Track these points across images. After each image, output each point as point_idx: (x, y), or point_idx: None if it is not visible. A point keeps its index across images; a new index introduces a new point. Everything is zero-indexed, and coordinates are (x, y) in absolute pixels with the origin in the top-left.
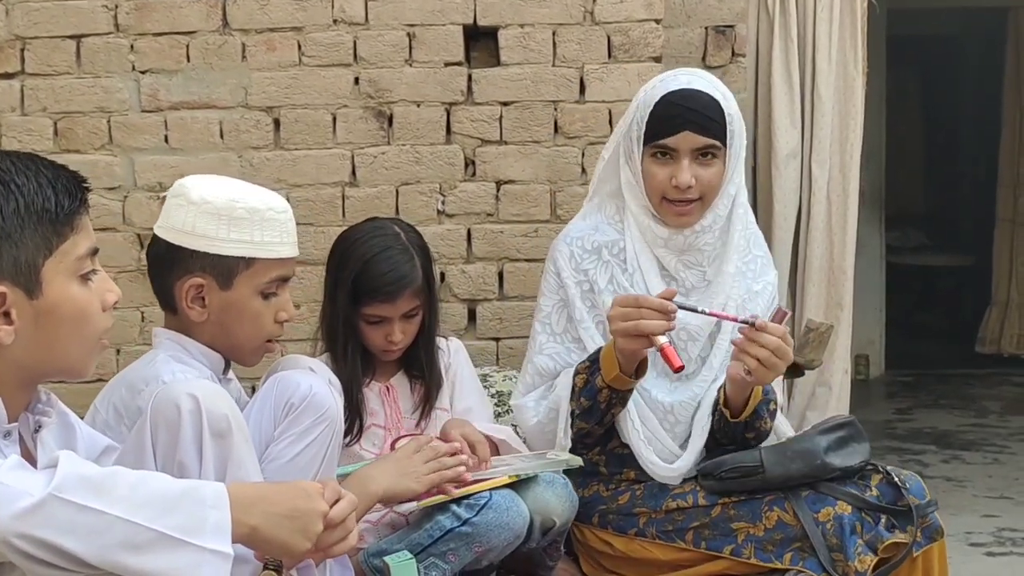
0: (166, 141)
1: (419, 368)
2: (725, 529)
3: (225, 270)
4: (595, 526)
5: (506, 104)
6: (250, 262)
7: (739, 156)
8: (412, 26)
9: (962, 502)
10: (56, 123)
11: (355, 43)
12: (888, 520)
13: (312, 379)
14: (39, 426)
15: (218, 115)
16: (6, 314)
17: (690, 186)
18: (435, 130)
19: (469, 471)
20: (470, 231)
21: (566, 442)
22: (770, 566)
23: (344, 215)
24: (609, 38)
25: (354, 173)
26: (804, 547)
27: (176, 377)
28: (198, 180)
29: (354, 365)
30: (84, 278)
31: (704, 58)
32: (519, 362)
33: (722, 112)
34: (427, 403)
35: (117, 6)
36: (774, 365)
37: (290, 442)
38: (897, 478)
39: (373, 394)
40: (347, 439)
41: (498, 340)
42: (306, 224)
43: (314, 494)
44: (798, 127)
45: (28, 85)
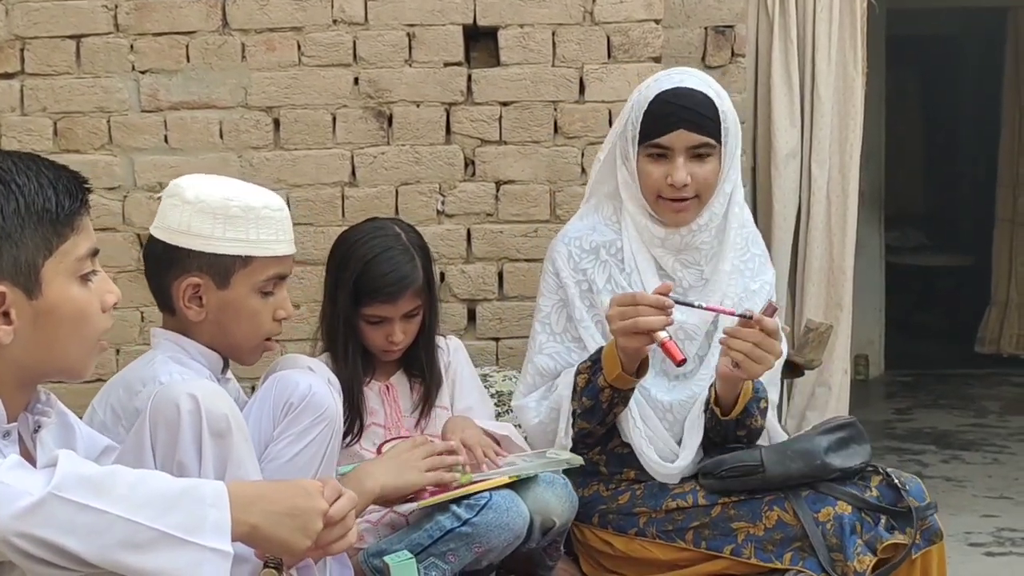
0: (166, 141)
1: (419, 367)
2: (725, 529)
3: (222, 269)
4: (595, 526)
5: (506, 104)
6: (247, 260)
7: (734, 154)
8: (412, 26)
9: (961, 502)
10: (56, 123)
11: (355, 43)
12: (888, 521)
13: (311, 378)
14: (38, 426)
15: (218, 115)
16: (5, 314)
17: (685, 184)
18: (435, 130)
19: (470, 470)
20: (470, 231)
21: (567, 442)
22: (770, 566)
23: (344, 215)
24: (609, 38)
25: (354, 173)
26: (804, 547)
27: (174, 378)
28: (193, 180)
29: (355, 365)
30: (84, 279)
31: (704, 58)
32: (519, 362)
33: (716, 110)
34: (427, 402)
35: (117, 6)
36: (760, 358)
37: (289, 442)
38: (897, 480)
39: (373, 393)
40: (347, 439)
41: (498, 340)
42: (306, 224)
43: (314, 492)
44: (798, 127)
45: (28, 85)
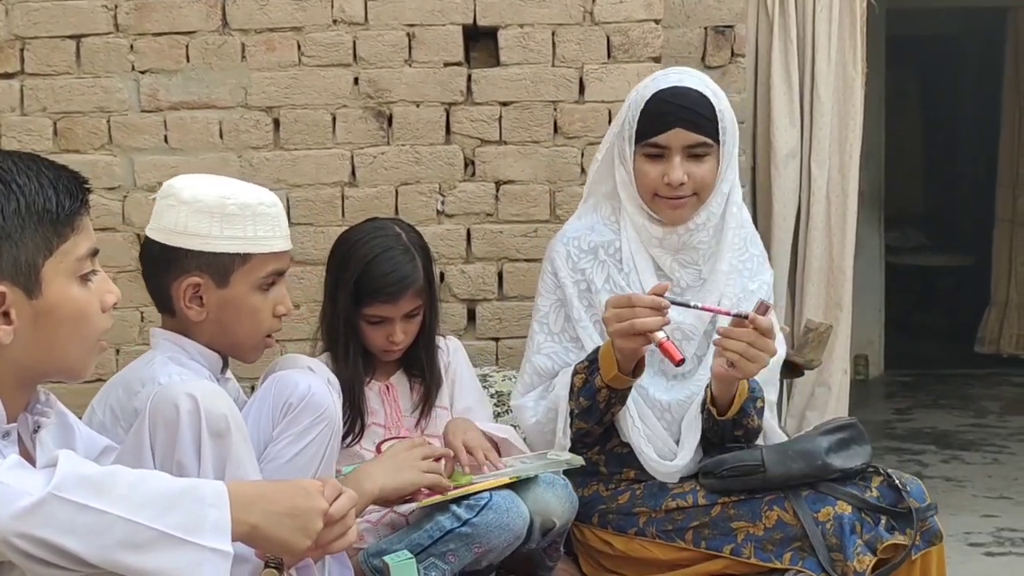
0: (166, 141)
1: (419, 367)
2: (725, 528)
3: (221, 268)
4: (595, 526)
5: (506, 104)
6: (246, 258)
7: (732, 154)
8: (412, 26)
9: (961, 502)
10: (56, 123)
11: (355, 43)
12: (888, 521)
13: (310, 379)
14: (38, 426)
15: (218, 115)
16: (5, 314)
17: (682, 183)
18: (435, 130)
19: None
20: (469, 231)
21: (565, 442)
22: (769, 566)
23: (344, 215)
24: (608, 38)
25: (354, 173)
26: (803, 547)
27: (173, 379)
28: (187, 180)
29: (355, 365)
30: (84, 279)
31: (703, 58)
32: (519, 362)
33: (713, 109)
34: (427, 402)
35: (117, 6)
36: (755, 357)
37: (289, 442)
38: (898, 480)
39: (373, 393)
40: (348, 439)
41: (497, 340)
42: (305, 224)
43: (314, 492)
44: (797, 127)
45: (28, 85)
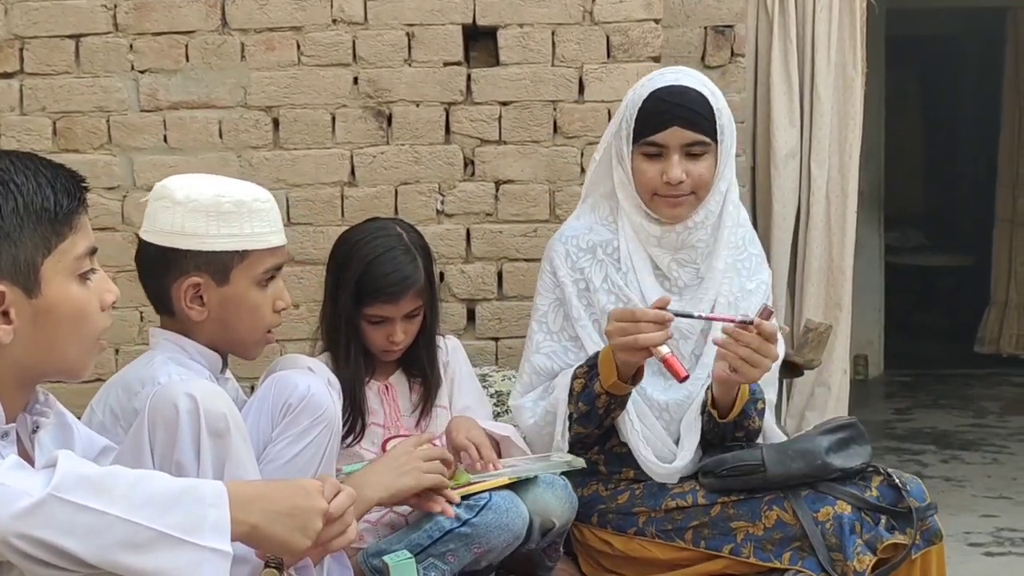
0: (165, 141)
1: (419, 367)
2: (724, 528)
3: (220, 266)
4: (594, 525)
5: (505, 104)
6: (244, 255)
7: (730, 153)
8: (411, 26)
9: (961, 502)
10: (55, 123)
11: (354, 43)
12: (888, 521)
13: (310, 379)
14: (37, 427)
15: (217, 115)
16: (5, 313)
17: (681, 181)
18: (434, 130)
19: (473, 472)
20: (469, 231)
21: (563, 445)
22: (769, 565)
23: (343, 215)
24: (608, 38)
25: (353, 173)
26: (803, 546)
27: (173, 379)
28: (179, 180)
29: (356, 365)
30: (83, 277)
31: (703, 58)
32: (518, 362)
33: (711, 108)
34: (426, 402)
35: (116, 6)
36: (758, 363)
37: (288, 443)
38: (898, 480)
39: (372, 393)
40: (349, 438)
41: (497, 340)
42: (305, 224)
43: (313, 492)
44: (797, 127)
45: (27, 85)
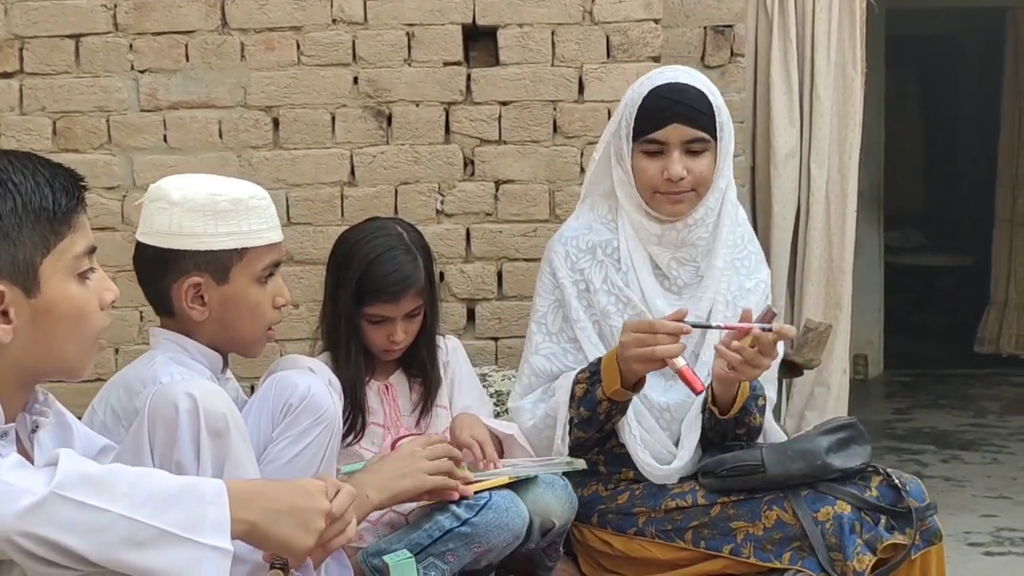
0: (165, 141)
1: (419, 367)
2: (724, 528)
3: (220, 265)
4: (594, 526)
5: (505, 104)
6: (243, 252)
7: (728, 150)
8: (411, 26)
9: (961, 502)
10: (55, 122)
11: (354, 43)
12: (888, 521)
13: (311, 380)
14: (36, 426)
15: (217, 115)
16: (4, 313)
17: (682, 178)
18: (434, 130)
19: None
20: (469, 231)
21: (563, 449)
22: (769, 565)
23: (343, 215)
24: (608, 38)
25: (353, 173)
26: (803, 546)
27: (174, 379)
28: (174, 181)
29: (356, 365)
30: (82, 277)
31: (703, 58)
32: (518, 362)
33: (710, 105)
34: (426, 401)
35: (116, 5)
36: (758, 363)
37: (289, 443)
38: (898, 480)
39: (372, 393)
40: (349, 438)
41: (497, 340)
42: (305, 224)
43: (316, 492)
44: (797, 127)
45: (27, 84)
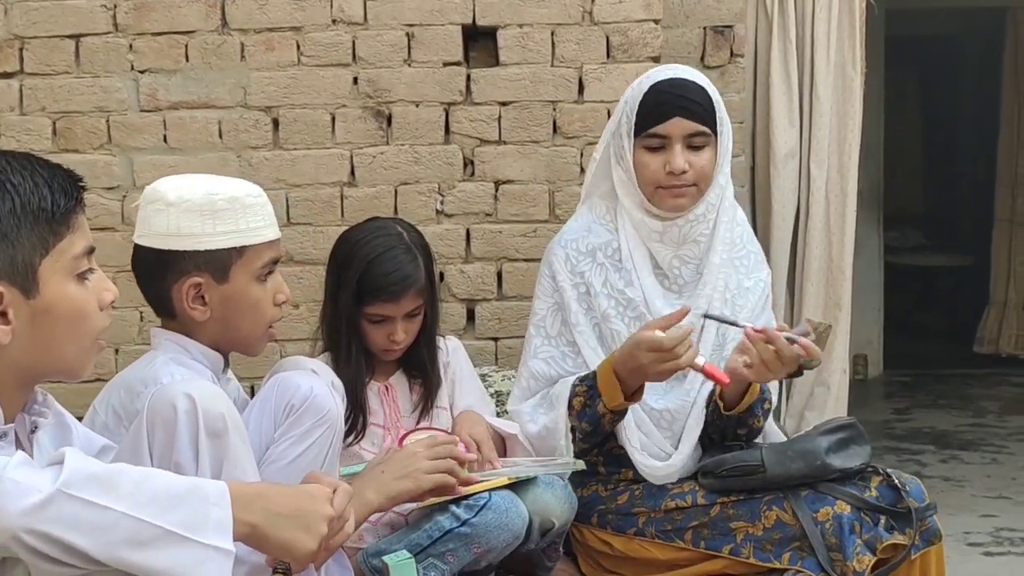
0: (165, 141)
1: (419, 367)
2: (724, 528)
3: (219, 264)
4: (594, 526)
5: (505, 104)
6: (242, 251)
7: (727, 148)
8: (411, 26)
9: (960, 502)
10: (55, 123)
11: (354, 43)
12: (887, 521)
13: (313, 380)
14: (35, 427)
15: (217, 115)
16: (3, 314)
17: (684, 171)
18: (434, 130)
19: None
20: (469, 231)
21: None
22: (769, 566)
23: (343, 215)
24: (608, 38)
25: (353, 173)
26: (803, 547)
27: (175, 379)
28: (170, 182)
29: (357, 365)
30: (81, 277)
31: (703, 58)
32: (518, 362)
33: (710, 99)
34: (427, 402)
35: (116, 6)
36: (775, 369)
37: (290, 444)
38: (897, 480)
39: (372, 393)
40: (350, 438)
41: (497, 340)
42: (305, 224)
43: (320, 497)
44: (796, 127)
45: (27, 85)
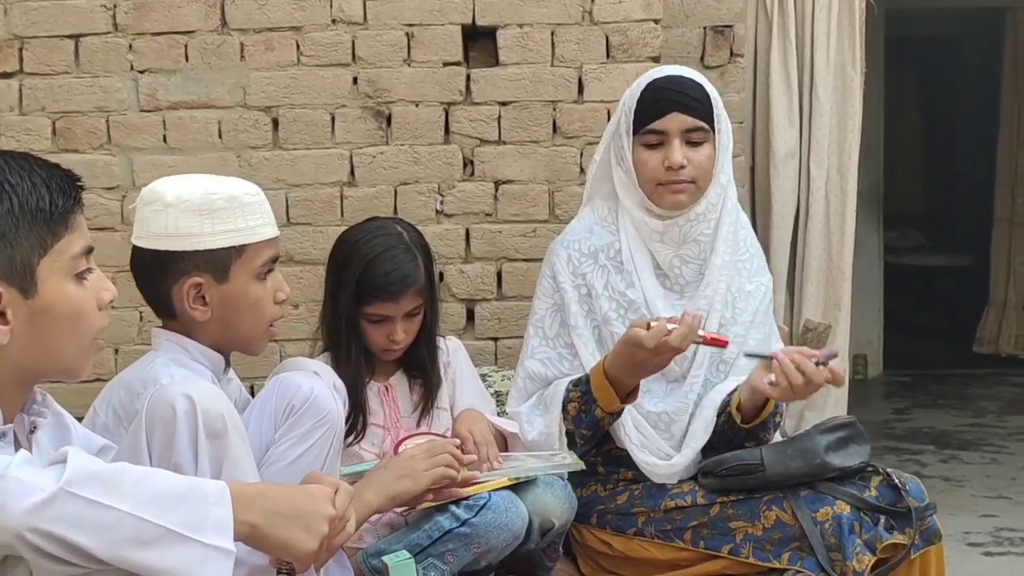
0: (164, 141)
1: (419, 367)
2: (723, 528)
3: (219, 263)
4: (593, 526)
5: (504, 104)
6: (241, 250)
7: (727, 147)
8: (411, 26)
9: (960, 502)
10: (54, 123)
11: (354, 43)
12: (887, 521)
13: (313, 381)
14: (34, 427)
15: (216, 115)
16: (2, 314)
17: (683, 166)
18: (434, 130)
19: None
20: (468, 231)
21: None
22: (768, 566)
23: (343, 215)
24: (607, 38)
25: (352, 173)
26: (802, 546)
27: (175, 380)
28: (167, 183)
29: (357, 364)
30: (79, 277)
31: (702, 58)
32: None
33: (707, 95)
34: (427, 402)
35: (116, 6)
36: (801, 393)
37: (291, 444)
38: (897, 480)
39: (372, 394)
40: (350, 438)
41: (496, 340)
42: (304, 224)
43: (321, 497)
44: (796, 127)
45: (26, 85)
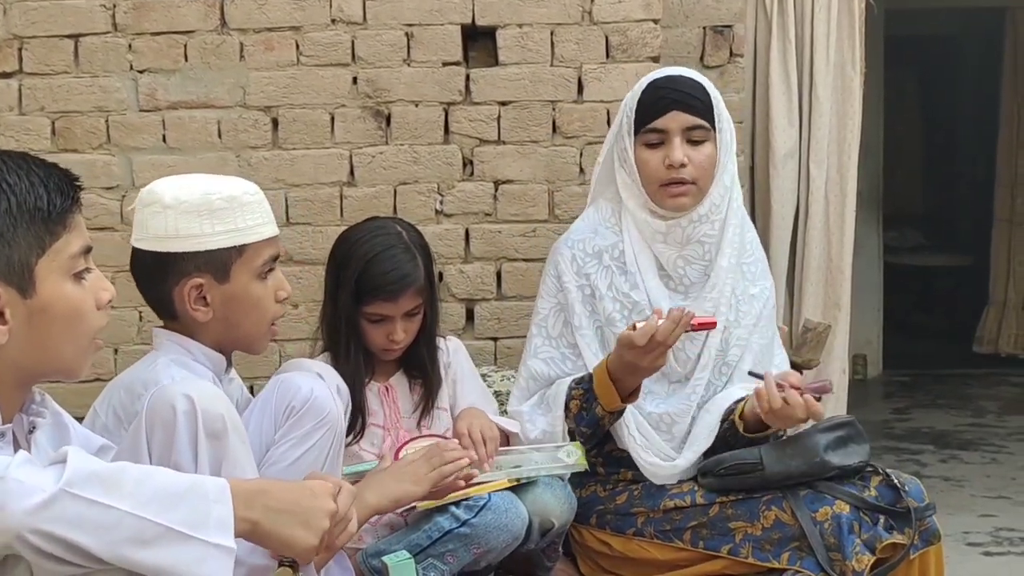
0: (164, 141)
1: (419, 367)
2: (723, 528)
3: (220, 264)
4: (593, 526)
5: (504, 104)
6: (241, 249)
7: (729, 147)
8: (410, 26)
9: (960, 502)
10: (54, 122)
11: (353, 43)
12: (886, 521)
13: (313, 382)
14: (33, 427)
15: (216, 115)
16: (0, 314)
17: (683, 164)
18: (433, 130)
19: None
20: (468, 231)
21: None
22: (768, 565)
23: (342, 215)
24: (607, 38)
25: (352, 173)
26: (802, 546)
27: (175, 381)
28: (165, 184)
29: (356, 364)
30: (78, 277)
31: (702, 58)
32: (517, 362)
33: (707, 94)
34: (427, 402)
35: (115, 5)
36: (783, 417)
37: (291, 445)
38: (897, 480)
39: (372, 394)
40: (350, 438)
41: (496, 340)
42: (304, 224)
43: (321, 493)
44: (796, 127)
45: (26, 84)
